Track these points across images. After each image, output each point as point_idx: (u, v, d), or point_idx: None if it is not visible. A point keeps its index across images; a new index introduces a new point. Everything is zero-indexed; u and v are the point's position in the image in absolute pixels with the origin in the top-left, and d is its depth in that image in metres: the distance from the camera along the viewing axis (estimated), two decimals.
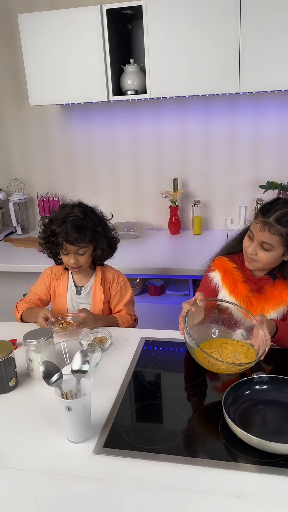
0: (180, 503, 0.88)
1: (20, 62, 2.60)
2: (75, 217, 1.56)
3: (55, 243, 1.59)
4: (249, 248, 1.42)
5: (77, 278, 1.72)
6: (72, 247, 1.57)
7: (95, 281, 1.70)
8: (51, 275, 1.74)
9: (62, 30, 2.19)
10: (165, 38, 2.11)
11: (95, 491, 0.92)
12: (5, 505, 0.89)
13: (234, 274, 1.48)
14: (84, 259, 1.61)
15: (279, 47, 2.01)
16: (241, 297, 1.44)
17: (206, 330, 1.34)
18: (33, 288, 1.77)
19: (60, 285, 1.72)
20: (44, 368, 1.07)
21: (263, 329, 1.23)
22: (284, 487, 0.90)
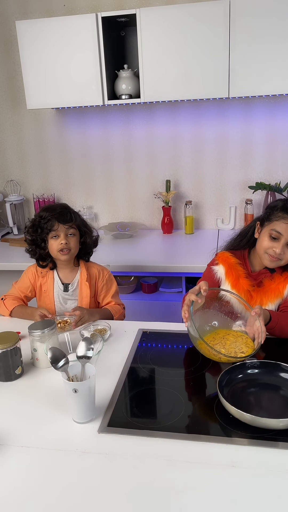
0: (180, 473, 0.96)
1: (17, 67, 2.67)
2: (63, 204, 1.72)
3: (44, 227, 1.66)
4: (276, 248, 1.46)
5: (63, 275, 1.78)
6: (63, 226, 1.65)
7: (80, 277, 1.77)
8: (36, 273, 1.78)
9: (59, 36, 2.27)
10: (158, 45, 2.20)
11: (101, 465, 0.99)
12: (19, 479, 0.97)
13: (237, 270, 1.55)
14: (74, 243, 1.69)
15: (267, 54, 2.12)
16: (242, 291, 1.52)
17: (205, 317, 1.41)
18: (17, 285, 1.79)
19: (46, 282, 1.77)
20: (51, 354, 1.15)
21: (259, 321, 1.31)
22: (274, 458, 0.99)
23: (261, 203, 2.63)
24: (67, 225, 1.66)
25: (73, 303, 1.77)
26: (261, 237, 1.53)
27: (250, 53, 2.13)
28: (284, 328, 1.43)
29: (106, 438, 1.07)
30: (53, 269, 1.77)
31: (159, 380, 1.30)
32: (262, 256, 1.53)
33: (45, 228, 1.66)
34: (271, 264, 1.52)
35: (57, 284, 1.77)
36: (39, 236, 1.69)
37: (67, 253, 1.69)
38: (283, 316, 1.45)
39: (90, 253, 1.81)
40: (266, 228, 1.51)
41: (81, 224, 1.72)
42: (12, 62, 2.69)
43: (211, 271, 1.60)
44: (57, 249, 1.67)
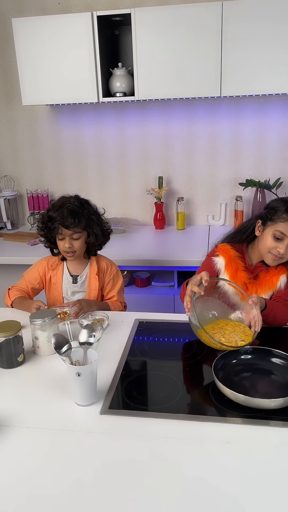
0: (179, 450, 1.02)
1: (12, 63, 2.70)
2: (72, 204, 1.71)
3: (52, 228, 1.70)
4: (280, 248, 1.52)
5: (72, 267, 1.83)
6: (67, 231, 1.69)
7: (90, 270, 1.82)
8: (47, 266, 1.83)
9: (54, 34, 2.31)
10: (152, 44, 2.26)
11: (104, 443, 1.05)
12: (25, 457, 1.02)
13: (236, 262, 1.61)
14: (78, 245, 1.73)
15: (258, 55, 2.19)
16: (239, 283, 1.58)
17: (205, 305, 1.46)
18: (26, 276, 1.84)
19: (56, 275, 1.83)
20: (55, 340, 1.20)
21: (256, 309, 1.37)
22: (266, 435, 1.06)
23: (251, 200, 2.71)
24: (70, 230, 1.69)
25: (81, 295, 1.82)
26: (265, 236, 1.57)
27: (241, 54, 2.20)
28: (277, 316, 1.51)
29: (107, 419, 1.13)
30: (64, 260, 1.82)
31: (156, 366, 1.36)
32: (265, 255, 1.59)
33: (52, 230, 1.71)
34: (273, 263, 1.58)
35: (66, 277, 1.81)
36: (48, 234, 1.74)
37: (71, 256, 1.74)
38: (276, 305, 1.53)
39: (97, 249, 1.84)
40: (269, 228, 1.56)
41: (87, 226, 1.73)
42: (8, 58, 2.72)
43: (211, 262, 1.65)
44: (63, 250, 1.74)
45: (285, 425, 1.08)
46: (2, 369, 1.36)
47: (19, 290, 1.80)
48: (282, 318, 1.53)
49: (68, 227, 1.68)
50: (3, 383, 1.30)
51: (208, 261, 1.68)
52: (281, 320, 1.53)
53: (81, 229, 1.71)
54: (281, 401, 1.11)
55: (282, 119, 2.60)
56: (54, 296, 1.84)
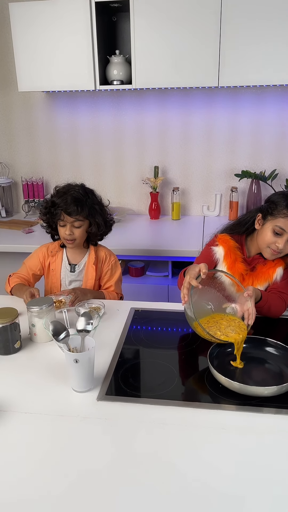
0: (174, 435, 1.05)
1: (8, 48, 2.67)
2: (76, 192, 1.71)
3: (54, 214, 1.70)
4: (279, 244, 1.53)
5: (71, 255, 1.84)
6: (69, 218, 1.69)
7: (88, 260, 1.83)
8: (47, 252, 1.83)
9: (52, 20, 2.28)
10: (150, 32, 2.24)
11: (102, 428, 1.07)
12: (24, 442, 1.03)
13: (235, 253, 1.62)
14: (79, 233, 1.73)
15: (256, 45, 2.18)
16: (237, 274, 1.60)
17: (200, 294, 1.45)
18: (27, 263, 1.84)
19: (55, 262, 1.83)
20: (53, 327, 1.21)
21: (251, 302, 1.38)
22: (260, 421, 1.08)
23: (246, 191, 2.72)
24: (72, 217, 1.69)
25: (78, 284, 1.83)
26: (264, 231, 1.58)
27: (240, 44, 2.19)
28: (271, 307, 1.53)
29: (104, 405, 1.14)
30: (63, 247, 1.83)
31: (152, 354, 1.38)
32: (263, 249, 1.60)
33: (55, 216, 1.71)
34: (271, 257, 1.60)
35: (65, 264, 1.82)
36: (50, 220, 1.75)
37: (71, 243, 1.75)
38: (271, 297, 1.55)
39: (97, 239, 1.84)
40: (269, 223, 1.57)
41: (89, 215, 1.73)
42: (3, 43, 2.68)
43: (210, 251, 1.66)
44: (63, 237, 1.74)
45: (278, 412, 1.11)
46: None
47: (19, 277, 1.80)
48: (276, 310, 1.55)
49: (70, 214, 1.68)
50: (1, 369, 1.31)
51: (207, 250, 1.68)
52: (275, 312, 1.55)
53: (83, 217, 1.72)
54: (275, 389, 1.13)
55: (279, 110, 2.61)
56: (52, 282, 1.84)
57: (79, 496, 0.89)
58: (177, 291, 2.36)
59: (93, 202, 1.75)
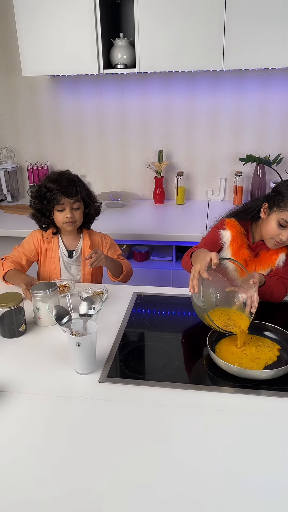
0: (173, 416, 1.08)
1: (11, 32, 2.65)
2: (69, 175, 1.75)
3: (50, 200, 1.70)
4: (283, 236, 1.53)
5: (66, 241, 1.85)
6: (69, 200, 1.70)
7: (83, 245, 1.85)
8: (42, 238, 1.83)
9: (55, 3, 2.26)
10: (154, 14, 2.22)
11: (102, 409, 1.11)
12: (27, 422, 1.07)
13: (241, 239, 1.64)
14: (79, 215, 1.75)
15: (262, 28, 2.15)
16: (241, 260, 1.61)
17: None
18: (21, 248, 1.81)
19: (51, 248, 1.84)
20: (56, 311, 1.24)
21: (255, 290, 1.39)
22: (257, 403, 1.11)
23: (251, 175, 2.71)
24: (72, 199, 1.71)
25: (77, 268, 1.86)
26: (269, 222, 1.58)
27: (245, 26, 2.16)
28: (273, 292, 1.55)
29: (106, 387, 1.18)
30: (56, 234, 1.84)
31: (153, 337, 1.41)
32: (267, 240, 1.61)
33: (51, 201, 1.71)
34: (273, 247, 1.61)
35: (62, 250, 1.84)
36: (45, 207, 1.74)
37: (71, 225, 1.76)
38: (274, 282, 1.57)
39: (92, 221, 1.87)
40: (275, 215, 1.56)
41: (86, 196, 1.76)
42: (7, 26, 2.66)
43: (217, 234, 1.66)
44: (62, 222, 1.74)
45: (275, 395, 1.14)
46: (5, 338, 1.41)
47: (13, 261, 1.76)
48: (278, 295, 1.57)
49: (70, 196, 1.70)
50: (6, 352, 1.35)
51: (214, 232, 1.69)
52: (277, 297, 1.57)
53: (81, 198, 1.74)
54: (272, 372, 1.16)
55: (285, 94, 2.58)
56: (51, 269, 1.85)
57: (80, 475, 0.93)
58: (181, 275, 2.42)
59: (84, 185, 1.79)
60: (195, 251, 1.52)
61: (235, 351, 1.29)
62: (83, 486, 0.90)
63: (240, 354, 1.27)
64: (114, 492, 0.89)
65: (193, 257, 1.48)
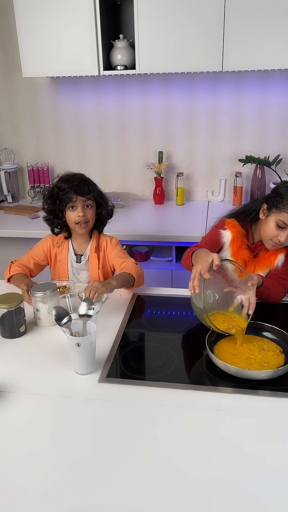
0: (172, 415, 1.09)
1: (11, 33, 2.66)
2: (81, 175, 1.75)
3: (63, 199, 1.70)
4: (281, 237, 1.54)
5: (76, 246, 1.84)
6: (81, 198, 1.70)
7: (90, 249, 1.84)
8: (52, 243, 1.83)
9: (55, 5, 2.27)
10: (154, 16, 2.23)
11: (102, 408, 1.12)
12: (27, 422, 1.08)
13: (241, 240, 1.65)
14: (91, 215, 1.74)
15: (261, 29, 2.16)
16: (240, 260, 1.62)
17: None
18: (31, 252, 1.84)
19: (61, 252, 1.83)
20: (56, 312, 1.25)
21: (253, 292, 1.39)
22: (255, 403, 1.12)
23: (250, 176, 2.72)
24: (85, 197, 1.70)
25: (85, 273, 1.85)
26: (268, 223, 1.59)
27: (244, 27, 2.17)
28: (271, 293, 1.56)
29: (105, 387, 1.19)
30: (67, 238, 1.83)
31: (152, 338, 1.42)
32: (265, 241, 1.62)
33: (64, 200, 1.70)
34: (272, 248, 1.62)
35: (71, 255, 1.83)
36: (57, 207, 1.73)
37: (84, 227, 1.74)
38: (272, 283, 1.57)
39: (105, 224, 1.86)
40: (273, 216, 1.57)
41: (98, 196, 1.76)
42: (7, 28, 2.67)
43: (217, 234, 1.67)
44: (74, 221, 1.72)
45: (273, 395, 1.14)
46: (5, 339, 1.42)
47: (21, 265, 1.78)
48: (276, 296, 1.58)
49: (82, 194, 1.69)
50: (6, 352, 1.36)
51: (215, 232, 1.69)
52: (275, 298, 1.58)
53: (94, 198, 1.74)
54: (270, 372, 1.17)
55: (284, 95, 2.58)
56: (60, 272, 1.85)
57: (79, 474, 0.94)
58: (181, 275, 2.43)
59: (96, 186, 1.79)
60: (196, 251, 1.52)
61: (236, 352, 1.29)
62: (83, 485, 0.91)
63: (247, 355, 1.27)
64: (114, 491, 0.90)
65: (194, 256, 1.48)
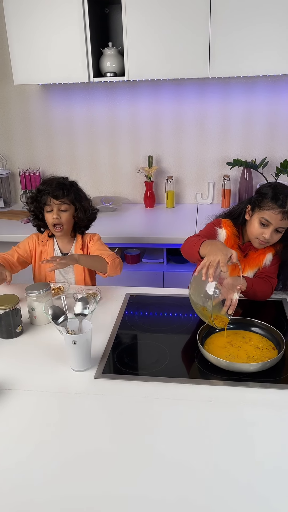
0: (165, 407, 1.14)
1: (2, 41, 2.71)
2: (61, 178, 1.82)
3: (40, 200, 1.77)
4: (266, 234, 1.60)
5: (61, 244, 1.89)
6: (56, 201, 1.75)
7: (75, 246, 1.90)
8: (37, 241, 1.89)
9: (45, 13, 2.32)
10: (142, 24, 2.29)
11: (99, 403, 1.16)
12: (26, 417, 1.12)
13: (234, 240, 1.71)
14: (66, 218, 1.79)
15: (246, 36, 2.23)
16: None
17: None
18: (16, 247, 1.88)
19: (46, 251, 1.89)
20: (52, 311, 1.30)
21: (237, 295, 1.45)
22: (245, 395, 1.17)
23: (238, 179, 2.79)
24: (59, 201, 1.76)
25: (71, 271, 1.90)
26: (252, 222, 1.65)
27: (229, 36, 2.23)
28: (256, 292, 1.62)
29: (101, 383, 1.23)
30: (52, 237, 1.89)
31: (146, 335, 1.47)
32: (252, 240, 1.68)
33: (40, 202, 1.78)
34: (259, 247, 1.68)
35: (56, 254, 1.89)
36: (36, 209, 1.81)
37: (60, 230, 1.80)
38: (257, 282, 1.63)
39: (87, 227, 1.91)
40: (256, 215, 1.64)
41: (75, 200, 1.80)
42: None
43: (214, 230, 1.71)
44: (51, 223, 1.79)
45: (262, 386, 1.20)
46: (2, 339, 1.46)
47: (3, 258, 1.81)
48: (262, 295, 1.64)
49: (57, 197, 1.75)
50: (4, 352, 1.39)
51: (211, 228, 1.73)
52: (261, 296, 1.64)
53: (69, 202, 1.79)
54: (259, 365, 1.22)
55: (269, 100, 2.66)
56: (46, 273, 1.89)
57: (77, 468, 0.98)
58: (172, 277, 2.48)
59: (77, 189, 1.84)
60: (207, 240, 1.52)
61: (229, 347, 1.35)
62: (79, 479, 0.95)
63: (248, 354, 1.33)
64: (111, 483, 0.94)
65: (207, 244, 1.48)
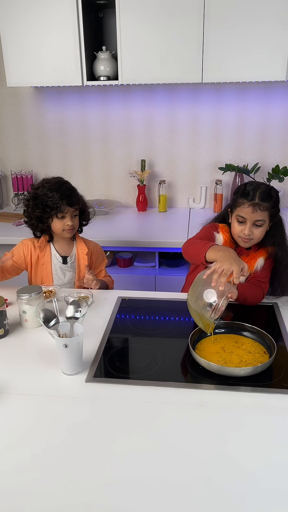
0: (156, 411, 1.14)
1: None
2: (67, 183, 1.80)
3: (53, 207, 1.73)
4: (244, 230, 1.63)
5: (59, 248, 1.88)
6: (71, 209, 1.76)
7: (78, 250, 1.89)
8: (33, 247, 1.84)
9: (39, 16, 2.33)
10: (135, 28, 2.30)
11: (90, 407, 1.15)
12: (16, 421, 1.11)
13: (230, 245, 1.71)
14: (77, 222, 1.83)
15: (239, 42, 2.25)
16: None
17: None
18: (10, 254, 1.82)
19: (44, 256, 1.86)
20: (43, 315, 1.29)
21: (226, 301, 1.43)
22: (236, 399, 1.18)
23: (230, 184, 2.80)
24: (74, 207, 1.77)
25: (71, 274, 1.90)
26: (232, 223, 1.70)
27: (222, 42, 2.25)
28: (247, 298, 1.63)
29: (92, 387, 1.23)
30: (49, 242, 1.87)
31: (137, 339, 1.46)
32: (237, 240, 1.70)
33: (53, 208, 1.73)
34: (245, 245, 1.70)
35: (55, 257, 1.87)
36: (44, 215, 1.76)
37: (70, 232, 1.80)
38: (247, 287, 1.64)
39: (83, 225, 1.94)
40: (233, 215, 1.68)
41: (82, 203, 1.83)
42: None
43: (212, 234, 1.73)
44: (62, 229, 1.77)
45: (253, 390, 1.20)
46: None
47: None
48: (253, 300, 1.65)
49: (72, 204, 1.75)
50: None
51: (209, 231, 1.74)
52: (251, 301, 1.65)
53: (79, 206, 1.81)
54: (250, 369, 1.23)
55: (261, 105, 2.69)
56: (43, 276, 1.87)
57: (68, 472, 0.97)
58: (164, 280, 2.48)
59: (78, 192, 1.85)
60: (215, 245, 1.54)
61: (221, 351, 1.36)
62: (71, 482, 0.95)
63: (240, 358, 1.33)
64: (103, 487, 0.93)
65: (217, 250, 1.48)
